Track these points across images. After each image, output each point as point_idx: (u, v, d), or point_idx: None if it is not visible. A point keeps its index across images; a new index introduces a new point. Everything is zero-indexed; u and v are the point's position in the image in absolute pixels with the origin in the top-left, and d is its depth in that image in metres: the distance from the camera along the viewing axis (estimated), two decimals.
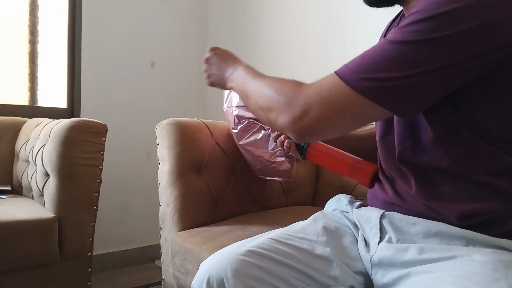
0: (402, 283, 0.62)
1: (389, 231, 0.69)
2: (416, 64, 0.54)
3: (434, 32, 0.53)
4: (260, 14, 2.13)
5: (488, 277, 0.53)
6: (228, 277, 0.67)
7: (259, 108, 0.70)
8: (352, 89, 0.57)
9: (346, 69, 0.59)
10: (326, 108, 0.59)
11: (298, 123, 0.61)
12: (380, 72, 0.55)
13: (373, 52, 0.57)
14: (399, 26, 0.57)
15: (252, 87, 0.72)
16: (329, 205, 0.92)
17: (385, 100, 0.56)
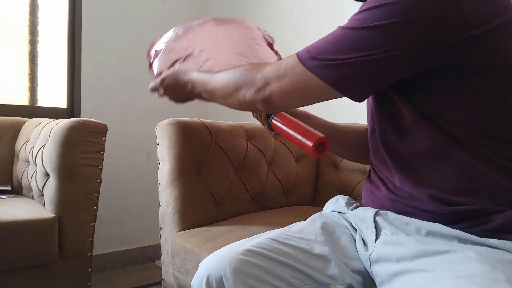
0: (397, 280, 0.62)
1: (384, 227, 0.70)
2: (358, 49, 0.60)
3: (377, 21, 0.59)
4: (260, 14, 2.14)
5: (488, 278, 0.53)
6: (227, 276, 0.67)
7: (228, 95, 0.75)
8: (304, 66, 0.64)
9: (303, 50, 0.66)
10: (283, 81, 0.66)
11: (260, 94, 0.69)
12: (328, 54, 0.62)
13: (327, 37, 0.64)
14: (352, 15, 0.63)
15: (215, 82, 0.77)
16: (327, 206, 0.93)
17: (330, 78, 0.62)
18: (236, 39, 1.13)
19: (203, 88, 0.81)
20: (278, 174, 1.42)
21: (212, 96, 0.80)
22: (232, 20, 1.18)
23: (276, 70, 0.68)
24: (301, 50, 0.67)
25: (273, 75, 0.67)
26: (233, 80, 0.73)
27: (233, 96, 0.74)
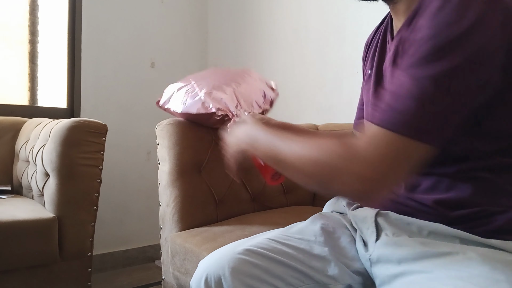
0: (398, 281, 0.62)
1: (385, 228, 0.69)
2: (444, 98, 0.54)
3: (451, 61, 0.53)
4: (260, 14, 2.14)
5: (488, 279, 0.53)
6: (225, 275, 0.68)
7: (305, 175, 0.63)
8: (408, 138, 0.55)
9: (386, 116, 0.56)
10: (386, 162, 0.56)
11: (363, 185, 0.56)
12: (414, 111, 0.54)
13: (401, 92, 0.56)
14: (413, 53, 0.56)
15: (286, 153, 0.64)
16: (327, 206, 0.93)
17: (428, 136, 0.55)
18: (226, 74, 1.21)
19: (266, 151, 0.69)
20: None
21: (277, 163, 0.68)
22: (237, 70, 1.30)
23: (373, 151, 0.56)
24: (382, 116, 0.56)
25: (372, 159, 0.56)
26: (314, 159, 0.61)
27: (313, 179, 0.63)
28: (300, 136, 0.66)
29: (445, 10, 0.55)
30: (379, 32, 0.83)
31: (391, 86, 0.58)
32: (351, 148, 0.57)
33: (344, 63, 1.70)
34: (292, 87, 1.94)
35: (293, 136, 0.66)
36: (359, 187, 0.56)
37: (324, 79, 1.80)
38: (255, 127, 0.75)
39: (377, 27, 0.86)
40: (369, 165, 0.55)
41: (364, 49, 0.90)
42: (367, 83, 0.81)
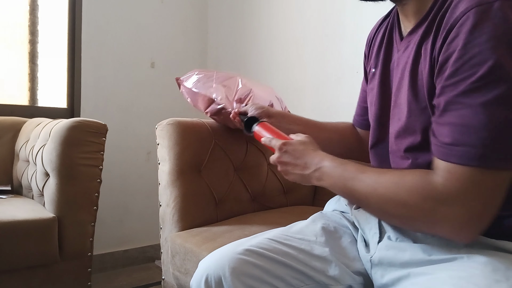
0: (401, 284, 0.62)
1: (388, 231, 0.69)
2: None
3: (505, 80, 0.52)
4: (260, 14, 2.13)
5: (488, 279, 0.53)
6: (226, 275, 0.67)
7: (393, 216, 0.63)
8: (489, 169, 0.54)
9: (465, 153, 0.54)
10: (478, 199, 0.55)
11: (463, 231, 0.56)
12: (490, 140, 0.53)
13: (469, 123, 0.54)
14: (466, 78, 0.54)
15: (365, 191, 0.63)
16: (328, 205, 0.93)
17: (509, 161, 0.54)
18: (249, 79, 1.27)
19: (338, 185, 0.68)
20: (278, 174, 1.42)
21: (354, 200, 0.68)
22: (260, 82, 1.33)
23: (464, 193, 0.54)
24: (460, 154, 0.54)
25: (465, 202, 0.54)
26: (398, 201, 0.59)
27: (401, 221, 0.63)
28: (372, 170, 0.65)
29: (485, 24, 0.53)
30: (383, 28, 0.80)
31: (455, 118, 0.55)
32: (437, 189, 0.56)
33: (344, 63, 1.70)
34: (291, 86, 1.94)
35: (365, 169, 0.65)
36: (455, 227, 0.55)
37: (323, 79, 1.80)
38: (319, 155, 0.72)
39: (381, 22, 0.84)
40: (461, 205, 0.54)
41: (367, 44, 0.88)
42: (371, 82, 0.80)
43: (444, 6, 0.60)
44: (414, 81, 0.65)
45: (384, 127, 0.73)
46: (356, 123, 1.00)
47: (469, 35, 0.54)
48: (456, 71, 0.55)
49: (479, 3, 0.54)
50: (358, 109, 0.98)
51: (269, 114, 0.97)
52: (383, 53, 0.77)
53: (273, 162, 0.78)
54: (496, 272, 0.53)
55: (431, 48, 0.61)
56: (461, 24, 0.55)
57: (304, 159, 0.73)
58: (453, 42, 0.56)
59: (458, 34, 0.55)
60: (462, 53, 0.54)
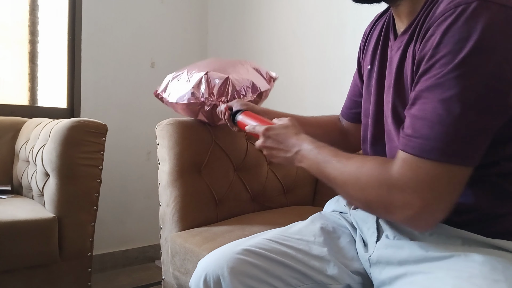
0: (399, 282, 0.62)
1: (386, 229, 0.69)
2: (474, 117, 0.54)
3: (474, 78, 0.53)
4: (260, 13, 2.13)
5: (487, 279, 0.53)
6: (224, 275, 0.68)
7: (355, 199, 0.66)
8: (442, 164, 0.55)
9: (421, 145, 0.56)
10: (430, 189, 0.56)
11: (416, 219, 0.57)
12: (447, 136, 0.54)
13: (430, 117, 0.56)
14: (434, 74, 0.55)
15: (334, 174, 0.66)
16: (328, 206, 0.93)
17: (465, 159, 0.55)
18: (218, 63, 1.26)
19: (313, 167, 0.70)
20: (278, 174, 1.42)
21: (327, 181, 0.69)
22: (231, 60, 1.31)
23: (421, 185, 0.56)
24: (418, 147, 0.56)
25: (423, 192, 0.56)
26: (360, 186, 0.62)
27: (363, 205, 0.66)
28: (342, 154, 0.67)
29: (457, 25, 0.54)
30: (380, 25, 0.81)
31: (417, 111, 0.57)
32: (393, 176, 0.58)
33: (344, 62, 1.70)
34: (291, 86, 1.94)
35: (337, 153, 0.68)
36: (409, 214, 0.57)
37: (323, 78, 1.80)
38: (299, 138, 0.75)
39: (378, 17, 0.85)
40: (414, 193, 0.56)
41: (363, 38, 0.89)
42: (367, 80, 0.81)
43: (428, 8, 0.62)
44: (399, 81, 0.67)
45: (380, 124, 0.74)
46: (344, 115, 1.00)
47: (442, 34, 0.55)
48: (428, 69, 0.57)
49: (457, 4, 0.55)
50: (348, 102, 0.99)
51: (255, 111, 1.00)
52: (380, 51, 0.77)
53: (258, 147, 0.82)
54: (494, 272, 0.53)
55: (413, 48, 0.63)
56: (438, 24, 0.56)
57: (286, 143, 0.76)
58: (429, 41, 0.57)
59: (433, 34, 0.57)
60: (434, 52, 0.56)
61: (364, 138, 0.81)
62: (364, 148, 0.82)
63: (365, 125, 0.81)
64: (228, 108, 1.04)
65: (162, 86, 1.31)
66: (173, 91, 1.24)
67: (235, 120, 0.96)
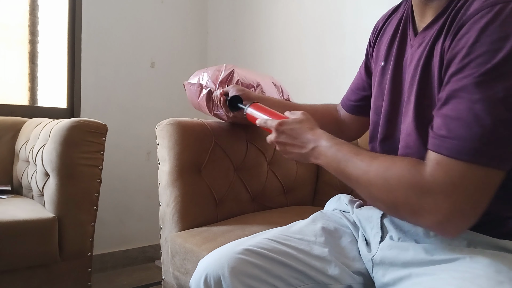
0: (403, 283, 0.62)
1: (390, 230, 0.69)
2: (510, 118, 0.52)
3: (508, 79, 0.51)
4: (260, 14, 2.13)
5: (491, 279, 0.52)
6: (225, 275, 0.67)
7: (379, 201, 0.63)
8: (478, 166, 0.53)
9: (456, 146, 0.54)
10: (463, 193, 0.54)
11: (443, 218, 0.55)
12: (484, 137, 0.53)
13: (466, 118, 0.54)
14: (470, 74, 0.54)
15: (357, 174, 0.64)
16: (329, 204, 0.92)
17: (500, 161, 0.53)
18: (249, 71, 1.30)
19: (332, 165, 0.68)
20: (278, 174, 1.42)
21: (346, 180, 0.67)
22: None
23: (453, 186, 0.54)
24: (453, 148, 0.54)
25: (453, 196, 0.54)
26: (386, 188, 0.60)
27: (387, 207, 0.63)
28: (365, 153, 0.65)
29: (496, 23, 0.53)
30: (395, 20, 0.79)
31: (451, 111, 0.55)
32: (425, 179, 0.56)
33: (344, 61, 1.70)
34: (292, 85, 1.94)
35: (359, 152, 0.65)
36: (438, 219, 0.55)
37: (324, 76, 1.80)
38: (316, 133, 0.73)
39: (391, 12, 0.82)
40: (446, 197, 0.54)
41: (373, 31, 0.86)
42: (380, 76, 0.78)
43: (459, 4, 0.60)
44: (426, 79, 0.64)
45: (392, 124, 0.72)
46: (344, 105, 0.99)
47: (479, 33, 0.54)
48: (463, 68, 0.55)
49: (494, 3, 0.54)
50: (350, 93, 0.98)
51: (249, 97, 0.99)
52: (396, 48, 0.75)
53: (270, 142, 0.79)
54: (499, 273, 0.53)
55: (442, 44, 0.61)
56: (473, 22, 0.55)
57: (301, 138, 0.73)
58: (463, 39, 0.56)
59: (468, 32, 0.55)
60: (470, 51, 0.54)
61: (373, 136, 0.79)
62: (372, 146, 0.80)
63: (375, 122, 0.78)
64: (224, 93, 1.03)
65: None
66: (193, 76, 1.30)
67: (244, 110, 0.93)
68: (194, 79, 1.28)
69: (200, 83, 1.23)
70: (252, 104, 0.91)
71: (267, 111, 0.87)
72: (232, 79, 1.20)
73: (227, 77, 1.19)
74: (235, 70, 1.22)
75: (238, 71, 1.23)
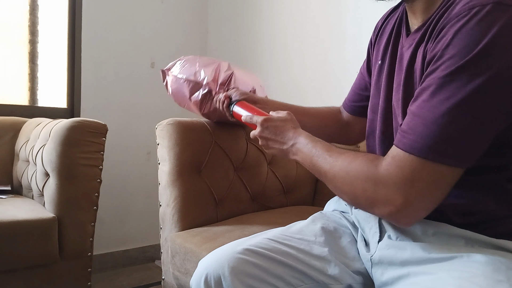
0: (401, 283, 0.62)
1: (388, 230, 0.69)
2: (469, 121, 0.54)
3: (473, 82, 0.52)
4: (260, 13, 2.13)
5: (490, 279, 0.52)
6: (225, 275, 0.67)
7: (342, 193, 0.67)
8: (430, 162, 0.55)
9: (411, 141, 0.57)
10: (414, 187, 0.56)
11: (394, 208, 0.58)
12: (438, 135, 0.54)
13: (425, 115, 0.56)
14: (437, 75, 0.55)
15: (325, 168, 0.68)
16: (328, 205, 0.93)
17: (454, 159, 0.55)
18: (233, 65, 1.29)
19: (307, 161, 0.72)
20: (278, 174, 1.42)
21: (318, 175, 0.71)
22: None
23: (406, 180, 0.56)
24: (412, 145, 0.56)
25: (405, 188, 0.56)
26: (349, 181, 0.63)
27: (350, 199, 0.67)
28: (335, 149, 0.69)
29: (468, 27, 0.54)
30: (392, 20, 0.80)
31: (416, 108, 0.58)
32: (379, 172, 0.60)
33: (345, 62, 1.70)
34: (292, 87, 1.94)
35: (330, 148, 0.70)
36: (391, 209, 0.58)
37: (324, 79, 1.80)
38: (296, 132, 0.77)
39: (390, 12, 0.84)
40: (397, 190, 0.57)
41: (374, 32, 0.88)
42: (377, 75, 0.80)
43: (444, 8, 0.61)
44: (409, 80, 0.66)
45: (388, 121, 0.74)
46: (346, 107, 1.00)
47: (453, 36, 0.55)
48: (435, 69, 0.57)
49: (472, 6, 0.54)
50: (351, 94, 0.99)
51: (254, 100, 1.01)
52: (391, 47, 0.76)
53: (253, 136, 0.83)
54: (497, 272, 0.53)
55: (424, 47, 0.63)
56: (451, 25, 0.56)
57: (283, 135, 0.78)
58: (440, 42, 0.57)
59: (445, 34, 0.56)
60: (443, 53, 0.56)
61: (369, 134, 0.81)
62: (368, 144, 0.82)
63: (371, 120, 0.80)
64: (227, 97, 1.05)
65: (170, 64, 1.31)
66: (178, 68, 1.26)
67: (231, 110, 0.97)
68: (183, 73, 1.23)
69: (196, 81, 1.20)
70: (238, 102, 0.95)
71: (253, 109, 0.90)
72: (230, 83, 1.19)
73: (227, 79, 1.18)
74: (234, 73, 1.20)
75: (236, 74, 1.21)
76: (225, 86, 1.17)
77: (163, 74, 1.31)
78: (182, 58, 1.30)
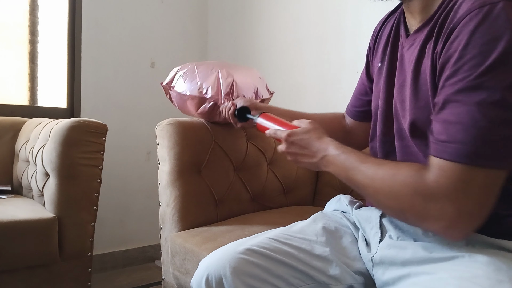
0: (402, 283, 0.62)
1: (389, 230, 0.69)
2: (509, 117, 0.53)
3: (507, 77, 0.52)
4: (260, 14, 2.13)
5: (491, 279, 0.52)
6: (226, 275, 0.67)
7: (387, 207, 0.65)
8: (479, 168, 0.54)
9: (456, 150, 0.54)
10: (467, 197, 0.54)
11: (452, 229, 0.56)
12: (482, 139, 0.53)
13: (463, 121, 0.54)
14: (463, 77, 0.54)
15: (364, 182, 0.65)
16: (329, 205, 0.93)
17: (501, 161, 0.54)
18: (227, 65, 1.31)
19: (341, 173, 0.70)
20: (278, 174, 1.42)
21: (355, 187, 0.68)
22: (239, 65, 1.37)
23: (456, 190, 0.54)
24: (454, 152, 0.54)
25: (458, 200, 0.54)
26: (394, 195, 0.60)
27: (396, 213, 0.64)
28: (371, 160, 0.66)
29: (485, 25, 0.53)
30: (390, 22, 0.80)
31: (450, 115, 0.56)
32: (429, 186, 0.56)
33: (344, 63, 1.70)
34: (291, 87, 1.94)
35: (366, 159, 0.66)
36: (444, 224, 0.56)
37: (323, 79, 1.80)
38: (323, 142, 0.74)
39: (388, 16, 0.84)
40: (450, 203, 0.55)
41: (372, 36, 0.88)
42: (377, 77, 0.80)
43: (448, 6, 0.61)
44: (417, 80, 0.65)
45: (389, 122, 0.73)
46: (349, 113, 1.00)
47: (470, 36, 0.54)
48: (456, 71, 0.55)
49: (483, 4, 0.54)
50: (353, 99, 0.99)
51: (257, 107, 1.02)
52: (390, 49, 0.77)
53: (281, 152, 0.81)
54: (498, 272, 0.53)
55: (433, 47, 0.62)
56: (463, 25, 0.55)
57: (310, 148, 0.75)
58: (454, 43, 0.56)
59: (459, 35, 0.56)
60: (463, 54, 0.55)
61: (372, 136, 0.81)
62: (371, 146, 0.82)
63: (374, 122, 0.81)
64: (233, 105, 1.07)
65: (169, 77, 1.34)
66: (180, 83, 1.27)
67: (254, 120, 0.97)
68: (186, 89, 1.24)
69: (201, 96, 1.21)
70: (261, 114, 0.95)
71: (276, 121, 0.89)
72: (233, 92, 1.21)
73: (230, 89, 1.21)
74: (234, 80, 1.21)
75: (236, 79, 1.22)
76: (229, 96, 1.19)
77: (165, 89, 1.33)
78: (179, 68, 1.32)
